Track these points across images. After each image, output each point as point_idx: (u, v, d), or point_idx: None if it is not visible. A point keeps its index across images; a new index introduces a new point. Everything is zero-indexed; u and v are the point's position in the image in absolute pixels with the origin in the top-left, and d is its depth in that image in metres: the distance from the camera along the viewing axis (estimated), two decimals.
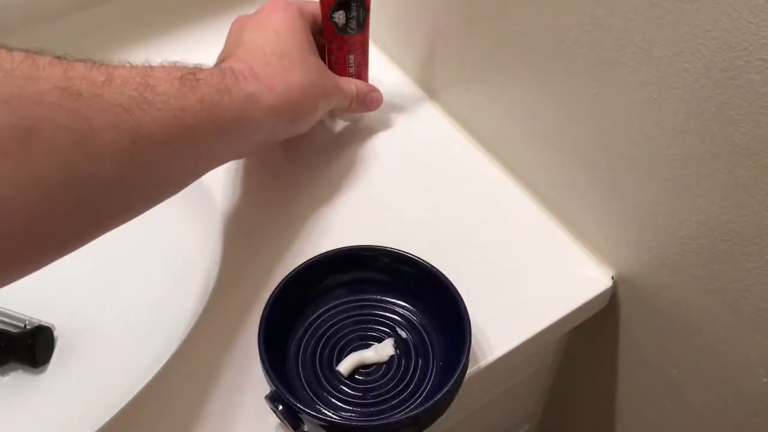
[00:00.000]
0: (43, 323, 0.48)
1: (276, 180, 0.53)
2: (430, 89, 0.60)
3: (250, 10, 0.68)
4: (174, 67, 0.39)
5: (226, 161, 0.44)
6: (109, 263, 0.53)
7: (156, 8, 0.67)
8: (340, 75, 0.54)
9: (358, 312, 0.44)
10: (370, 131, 0.58)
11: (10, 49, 0.30)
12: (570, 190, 0.49)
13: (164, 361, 0.43)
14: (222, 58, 0.47)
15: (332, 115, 0.58)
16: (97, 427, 0.39)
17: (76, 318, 0.50)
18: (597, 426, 0.60)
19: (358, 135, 0.57)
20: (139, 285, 0.52)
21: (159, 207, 0.55)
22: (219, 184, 0.52)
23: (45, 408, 0.45)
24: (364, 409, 0.40)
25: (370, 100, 0.54)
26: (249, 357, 0.41)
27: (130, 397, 0.41)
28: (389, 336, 0.43)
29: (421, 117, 0.59)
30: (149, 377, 0.43)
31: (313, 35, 0.50)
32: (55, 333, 0.48)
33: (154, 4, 0.68)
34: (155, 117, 0.34)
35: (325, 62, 0.53)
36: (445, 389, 0.37)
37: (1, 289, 0.32)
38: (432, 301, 0.43)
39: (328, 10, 0.50)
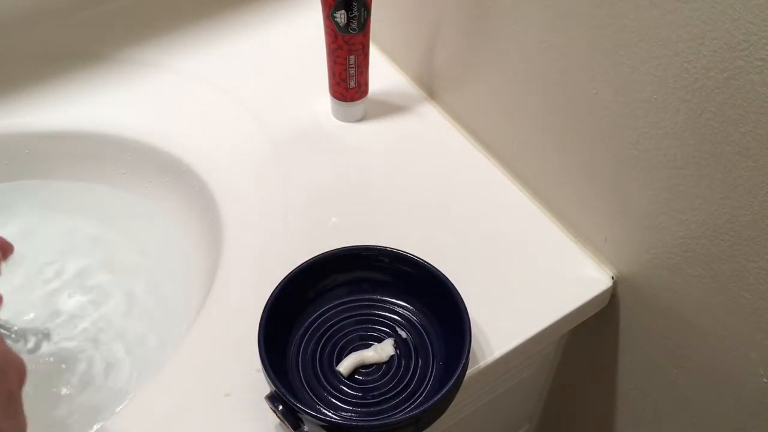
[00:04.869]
0: (36, 328, 0.48)
1: (276, 180, 0.53)
2: (430, 89, 0.60)
3: (249, 11, 0.68)
4: None
5: None
6: (109, 263, 0.53)
7: (157, 8, 0.67)
8: (341, 75, 0.55)
9: (358, 312, 0.44)
10: (370, 131, 0.58)
11: None
12: (570, 190, 0.49)
13: (164, 361, 0.43)
14: None
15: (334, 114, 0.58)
16: (97, 428, 0.39)
17: (74, 318, 0.50)
18: (597, 426, 0.60)
19: (357, 135, 0.57)
20: (139, 285, 0.52)
21: (159, 207, 0.56)
22: (219, 184, 0.52)
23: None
24: (364, 409, 0.40)
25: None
26: (249, 357, 0.41)
27: (130, 398, 0.41)
28: (389, 336, 0.43)
29: (421, 117, 0.59)
30: (149, 377, 0.43)
31: None
32: (50, 334, 0.49)
33: (156, 4, 0.68)
34: None
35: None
36: (445, 389, 0.37)
37: None
38: (432, 301, 0.43)
39: (329, 9, 0.50)
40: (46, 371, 0.47)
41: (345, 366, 0.41)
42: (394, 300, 0.44)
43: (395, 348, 0.42)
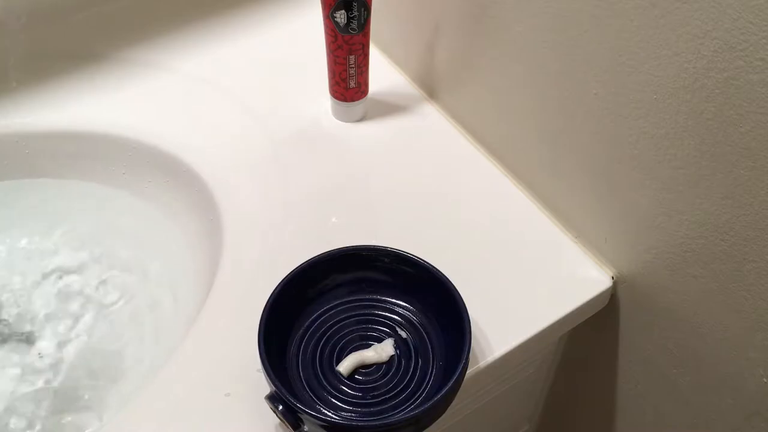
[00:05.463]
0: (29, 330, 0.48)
1: (276, 180, 0.53)
2: (430, 90, 0.60)
3: (249, 11, 0.68)
4: None
5: None
6: (108, 263, 0.53)
7: (157, 8, 0.67)
8: (341, 75, 0.55)
9: (358, 312, 0.44)
10: (370, 131, 0.58)
11: None
12: (570, 190, 0.49)
13: (164, 361, 0.43)
14: None
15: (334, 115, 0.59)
16: (97, 428, 0.39)
17: (73, 318, 0.50)
18: (597, 426, 0.60)
19: (357, 135, 0.57)
20: (139, 285, 0.52)
21: (159, 207, 0.56)
22: (219, 184, 0.52)
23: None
24: (364, 409, 0.40)
25: None
26: (249, 357, 0.41)
27: (130, 398, 0.41)
28: (389, 336, 0.43)
29: (421, 117, 0.59)
30: (149, 377, 0.43)
31: None
32: (47, 335, 0.49)
33: (156, 4, 0.68)
34: None
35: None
36: (445, 389, 0.37)
37: None
38: (432, 301, 0.43)
39: (329, 9, 0.50)
40: (42, 371, 0.47)
41: (345, 366, 0.41)
42: (394, 300, 0.44)
43: (395, 348, 0.42)
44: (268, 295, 0.40)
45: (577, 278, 0.48)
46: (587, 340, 0.55)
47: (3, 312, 0.50)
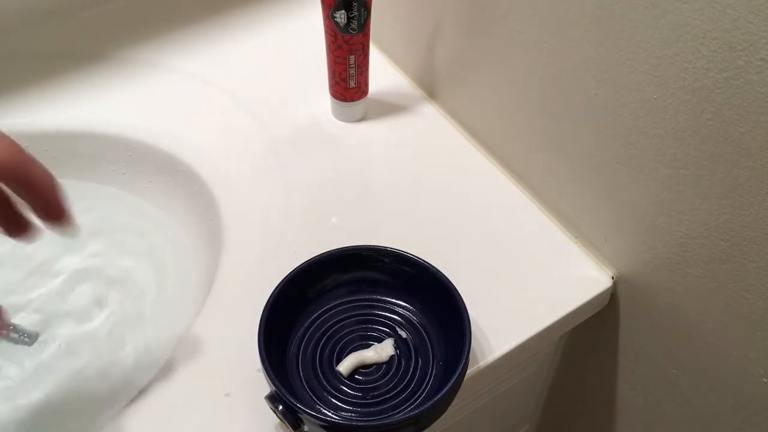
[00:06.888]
0: (31, 330, 0.48)
1: (276, 180, 0.53)
2: (430, 90, 0.60)
3: (248, 11, 0.68)
4: None
5: None
6: (108, 263, 0.53)
7: (158, 8, 0.67)
8: (341, 75, 0.55)
9: (358, 312, 0.44)
10: (370, 131, 0.58)
11: None
12: (570, 190, 0.49)
13: (164, 361, 0.43)
14: None
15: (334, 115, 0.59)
16: (96, 428, 0.39)
17: (73, 318, 0.50)
18: (597, 426, 0.60)
19: (357, 135, 0.57)
20: (139, 285, 0.52)
21: (159, 207, 0.56)
22: (219, 183, 0.52)
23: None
24: (364, 409, 0.40)
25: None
26: (249, 357, 0.41)
27: (130, 398, 0.41)
28: (389, 336, 0.43)
29: (421, 117, 0.59)
30: (149, 377, 0.43)
31: None
32: (49, 335, 0.49)
33: (156, 4, 0.68)
34: None
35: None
36: (445, 389, 0.37)
37: None
38: (432, 301, 0.43)
39: (329, 9, 0.50)
40: (50, 373, 0.47)
41: (345, 366, 0.41)
42: (394, 300, 0.44)
43: (395, 348, 0.42)
44: (268, 295, 0.40)
45: (577, 278, 0.48)
46: (587, 340, 0.55)
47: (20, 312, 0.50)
